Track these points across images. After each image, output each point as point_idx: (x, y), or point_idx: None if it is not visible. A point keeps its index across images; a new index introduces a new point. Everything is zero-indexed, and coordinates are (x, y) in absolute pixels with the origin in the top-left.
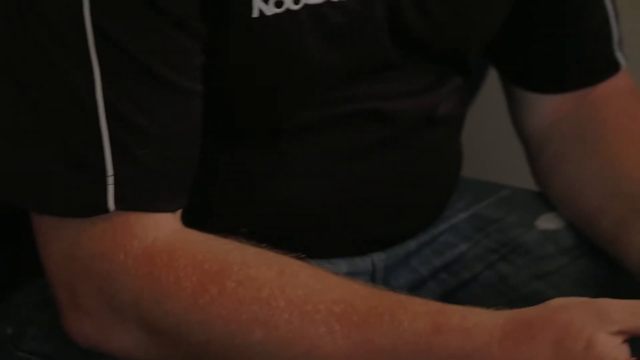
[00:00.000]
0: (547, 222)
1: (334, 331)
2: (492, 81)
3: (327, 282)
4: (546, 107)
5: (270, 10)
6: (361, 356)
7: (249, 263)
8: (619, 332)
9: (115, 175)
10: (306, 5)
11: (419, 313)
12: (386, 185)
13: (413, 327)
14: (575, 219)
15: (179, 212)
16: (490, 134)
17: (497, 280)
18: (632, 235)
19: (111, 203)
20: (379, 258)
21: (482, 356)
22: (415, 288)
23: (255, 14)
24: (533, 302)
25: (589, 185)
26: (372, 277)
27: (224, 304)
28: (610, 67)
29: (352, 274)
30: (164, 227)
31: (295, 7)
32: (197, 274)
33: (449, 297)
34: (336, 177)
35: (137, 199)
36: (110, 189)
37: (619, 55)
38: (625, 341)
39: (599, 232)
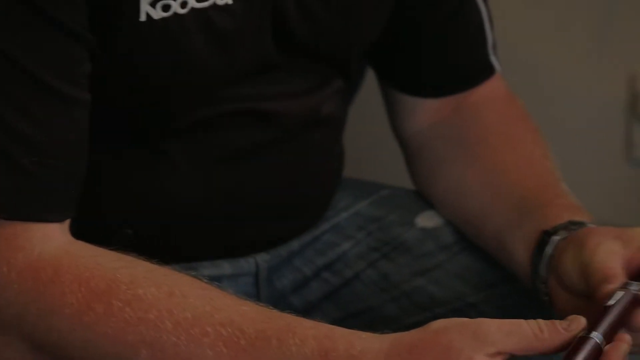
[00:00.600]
0: (427, 220)
1: (221, 355)
2: (371, 83)
3: (216, 303)
4: (425, 110)
5: (158, 14)
6: None
7: (138, 282)
8: (497, 353)
9: (0, 184)
10: (193, 9)
11: (307, 337)
12: (270, 185)
13: (301, 353)
14: (460, 223)
15: (67, 223)
16: (370, 134)
17: (379, 278)
18: (516, 241)
19: None
20: (262, 259)
21: None
22: (299, 288)
23: (142, 17)
24: (415, 297)
25: (473, 191)
26: (256, 278)
27: (109, 324)
28: (486, 71)
29: (235, 276)
30: (51, 239)
31: (182, 11)
32: (83, 291)
33: (332, 295)
34: (220, 178)
35: (23, 208)
36: None
37: (493, 60)
38: None
39: (484, 238)
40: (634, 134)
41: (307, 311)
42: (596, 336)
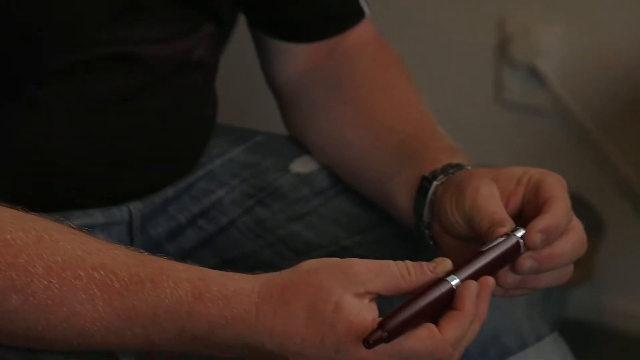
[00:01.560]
0: (301, 166)
1: (95, 298)
2: (245, 28)
3: (87, 247)
4: (296, 57)
5: None
6: (122, 323)
7: (5, 228)
8: (366, 293)
9: None
10: None
11: (180, 280)
12: (142, 132)
13: (174, 295)
14: (339, 171)
15: None
16: (244, 80)
17: (255, 224)
18: (397, 188)
19: None
20: (136, 207)
21: (242, 323)
22: (174, 235)
23: None
24: (291, 242)
25: (350, 138)
26: (129, 227)
27: None
28: (356, 15)
29: (108, 225)
30: None
31: None
32: None
33: (208, 243)
34: (91, 125)
35: None
36: None
37: (363, 3)
38: (372, 300)
39: (364, 185)
40: (503, 77)
41: (182, 259)
42: (451, 279)
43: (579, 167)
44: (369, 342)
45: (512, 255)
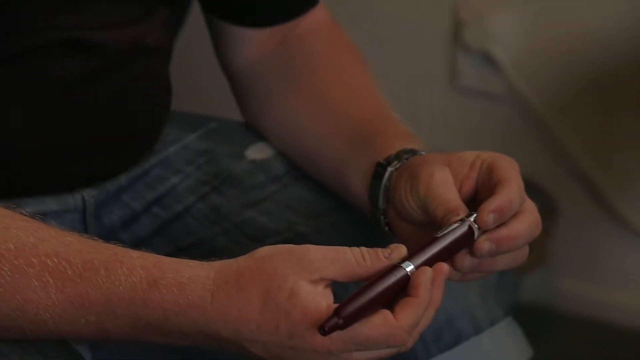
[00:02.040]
0: (257, 152)
1: (48, 285)
2: (200, 13)
3: (39, 234)
4: (250, 42)
5: None
6: (76, 310)
7: None
8: (321, 279)
9: None
10: None
11: (135, 267)
12: (95, 118)
13: (129, 282)
14: (296, 158)
15: None
16: (199, 66)
17: (210, 211)
18: (352, 174)
19: None
20: (89, 194)
21: (196, 310)
22: (129, 223)
23: None
24: (246, 229)
25: (306, 126)
26: (83, 215)
27: None
28: (310, 1)
29: (61, 212)
30: None
31: None
32: None
33: (163, 230)
34: (43, 112)
35: None
36: None
37: None
38: (327, 286)
39: (321, 172)
40: (457, 62)
41: (137, 246)
42: (406, 265)
43: (532, 152)
44: (324, 329)
45: (466, 240)
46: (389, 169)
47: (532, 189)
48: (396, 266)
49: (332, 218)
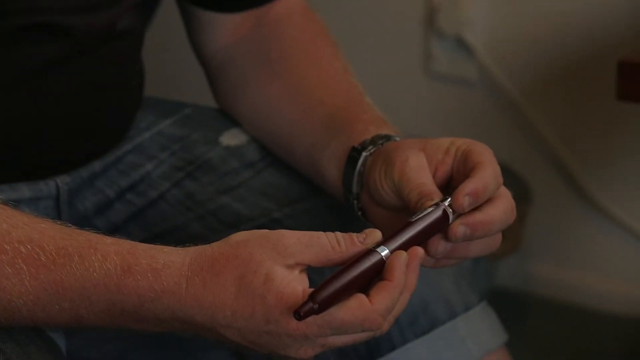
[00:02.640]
0: (231, 138)
1: (21, 272)
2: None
3: (13, 221)
4: (223, 27)
5: None
6: (50, 297)
7: None
8: (296, 264)
9: None
10: None
11: (109, 253)
12: (67, 103)
13: (103, 269)
14: (269, 144)
15: None
16: (172, 51)
17: (184, 197)
18: (326, 159)
19: None
20: (63, 181)
21: (171, 296)
22: (103, 210)
23: None
24: (221, 215)
25: (279, 111)
26: (57, 202)
27: None
28: None
29: (35, 199)
30: None
31: None
32: None
33: (137, 217)
34: (13, 96)
35: None
36: None
37: None
38: (303, 271)
39: (295, 158)
40: (431, 48)
41: (111, 233)
42: (381, 249)
43: (506, 137)
44: (299, 313)
45: (440, 225)
46: (364, 153)
47: (506, 174)
48: (371, 250)
49: (306, 204)
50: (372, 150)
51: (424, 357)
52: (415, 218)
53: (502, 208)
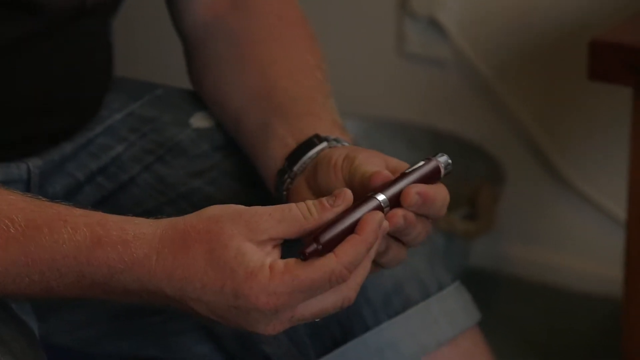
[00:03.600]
0: (201, 121)
1: None
2: None
3: None
4: (201, 4)
5: None
6: (20, 269)
7: None
8: (269, 239)
9: None
10: None
11: (79, 225)
12: (36, 81)
13: (73, 240)
14: (222, 120)
15: None
16: (143, 32)
17: (155, 181)
18: (267, 141)
19: None
20: (34, 164)
21: (141, 268)
22: (73, 193)
23: None
24: (193, 198)
25: (236, 88)
26: (27, 185)
27: None
28: None
29: (6, 182)
30: None
31: None
32: None
33: (108, 200)
34: None
35: None
36: None
37: None
38: (276, 247)
39: (241, 136)
40: (404, 28)
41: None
42: (380, 197)
43: (480, 118)
44: (304, 254)
45: (432, 176)
46: (326, 143)
47: (480, 154)
48: (370, 196)
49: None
50: (334, 145)
51: (397, 338)
52: (410, 170)
53: (444, 194)
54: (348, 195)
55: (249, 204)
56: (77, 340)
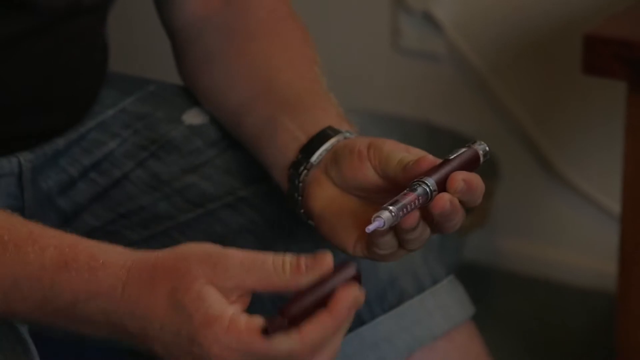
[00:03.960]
0: (193, 117)
1: None
2: None
3: None
4: (193, 1)
5: None
6: None
7: None
8: (235, 287)
9: None
10: None
11: (48, 246)
12: (30, 77)
13: (39, 261)
14: (221, 118)
15: None
16: (138, 28)
17: (149, 177)
18: (275, 134)
19: None
20: (26, 158)
21: (106, 299)
22: (66, 189)
23: None
24: (187, 194)
25: (237, 85)
26: (19, 179)
27: None
28: None
29: None
30: None
31: None
32: None
33: (101, 196)
34: None
35: None
36: None
37: None
38: (243, 296)
39: (243, 131)
40: (399, 23)
41: (75, 213)
42: (429, 181)
43: (475, 112)
44: (267, 330)
45: (472, 165)
46: (341, 135)
47: None
48: (345, 264)
49: (271, 182)
50: (349, 136)
51: (392, 331)
52: (453, 156)
53: (482, 183)
54: (327, 261)
55: (244, 199)
56: (69, 334)
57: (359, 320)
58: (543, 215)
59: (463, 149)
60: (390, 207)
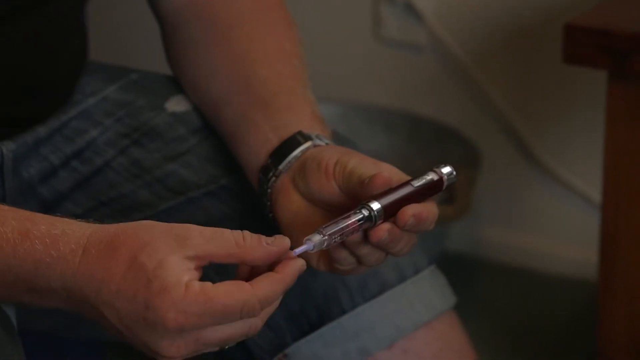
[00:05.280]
0: (176, 105)
1: None
2: None
3: None
4: None
5: None
6: None
7: None
8: (195, 257)
9: None
10: None
11: (7, 218)
12: (8, 62)
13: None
14: (202, 106)
15: None
16: (120, 16)
17: (131, 164)
18: (248, 133)
19: None
20: (8, 148)
21: (65, 264)
22: (47, 177)
23: None
24: (168, 182)
25: (217, 75)
26: (1, 168)
27: None
28: None
29: None
30: None
31: None
32: None
33: (83, 184)
34: None
35: None
36: None
37: None
38: (199, 268)
39: (221, 124)
40: (381, 13)
41: (57, 202)
42: (374, 205)
43: (457, 103)
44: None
45: (435, 189)
46: (310, 142)
47: (456, 139)
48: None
49: None
50: (319, 144)
51: (374, 321)
52: (416, 183)
53: (435, 211)
54: (285, 242)
55: (226, 188)
56: (55, 326)
57: (340, 309)
58: (525, 204)
59: (428, 173)
60: (324, 231)
